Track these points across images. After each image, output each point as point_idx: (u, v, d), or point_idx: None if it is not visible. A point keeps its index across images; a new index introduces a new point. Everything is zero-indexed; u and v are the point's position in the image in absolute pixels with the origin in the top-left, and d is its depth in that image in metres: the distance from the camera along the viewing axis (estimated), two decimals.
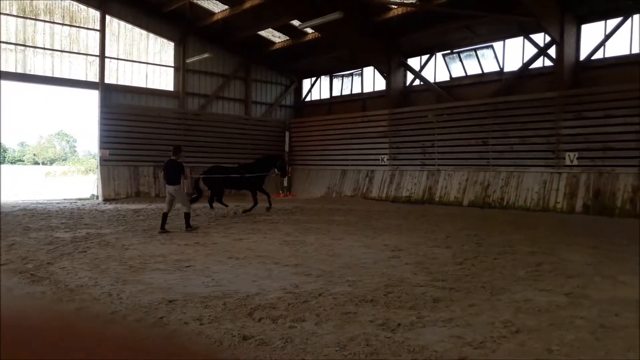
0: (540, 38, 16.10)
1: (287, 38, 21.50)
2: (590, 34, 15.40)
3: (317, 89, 25.01)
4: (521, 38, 16.77)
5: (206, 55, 20.04)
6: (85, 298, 5.02)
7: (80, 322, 0.40)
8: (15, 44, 18.10)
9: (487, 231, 10.22)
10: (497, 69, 17.58)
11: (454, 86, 18.80)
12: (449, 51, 18.77)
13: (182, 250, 7.95)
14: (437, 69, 19.49)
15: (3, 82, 18.08)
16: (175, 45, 21.60)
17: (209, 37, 21.72)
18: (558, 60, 15.37)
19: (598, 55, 15.19)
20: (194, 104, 22.30)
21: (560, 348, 3.63)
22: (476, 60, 18.03)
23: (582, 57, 15.43)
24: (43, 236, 9.33)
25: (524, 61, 16.69)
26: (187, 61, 21.42)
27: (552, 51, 15.75)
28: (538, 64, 16.46)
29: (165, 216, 10.38)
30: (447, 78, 19.06)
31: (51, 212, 13.82)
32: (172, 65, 21.70)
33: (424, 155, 18.60)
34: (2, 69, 17.69)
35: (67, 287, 5.46)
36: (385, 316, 4.39)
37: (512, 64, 17.23)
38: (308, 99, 25.51)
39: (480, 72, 18.04)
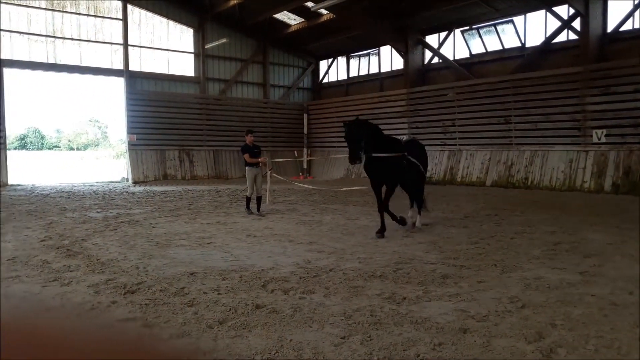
0: (564, 10, 15.57)
1: (302, 20, 21.46)
2: (618, 3, 14.80)
3: (334, 70, 24.95)
4: (543, 11, 16.28)
5: (224, 40, 20.23)
6: (115, 270, 5.38)
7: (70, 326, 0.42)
8: (46, 36, 18.70)
9: (508, 211, 10.15)
10: (519, 44, 17.15)
11: (474, 63, 18.46)
12: (467, 27, 18.40)
13: (205, 229, 8.30)
14: (456, 46, 19.17)
15: (35, 72, 19.17)
16: (194, 31, 21.87)
17: (226, 22, 21.90)
18: (583, 33, 14.84)
19: (627, 26, 14.60)
20: (214, 88, 22.61)
21: (565, 323, 3.67)
22: (496, 35, 17.63)
23: (610, 28, 14.88)
24: (78, 216, 9.90)
25: (547, 35, 16.21)
26: (206, 47, 21.69)
27: (576, 23, 15.22)
28: (562, 37, 15.97)
29: (252, 198, 10.04)
30: (467, 55, 18.73)
31: (85, 194, 14.57)
32: (192, 51, 22.01)
33: (445, 134, 18.40)
34: (34, 60, 18.46)
35: (98, 261, 5.84)
36: (392, 290, 4.54)
37: (534, 39, 16.80)
38: (325, 80, 25.49)
39: (500, 47, 17.64)
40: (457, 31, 18.92)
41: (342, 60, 24.45)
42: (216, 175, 21.58)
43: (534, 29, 16.88)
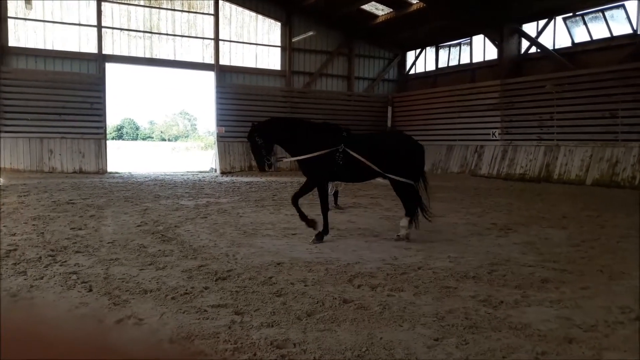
0: None
1: (390, 10, 21.05)
2: None
3: (422, 61, 24.26)
4: None
5: (310, 33, 20.39)
6: (206, 257, 5.59)
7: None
8: (143, 32, 20.03)
9: (612, 212, 9.36)
10: (630, 31, 15.65)
11: (577, 52, 17.14)
12: (570, 14, 17.07)
13: (289, 220, 8.43)
14: (556, 34, 17.91)
15: (133, 66, 20.61)
16: (281, 25, 22.30)
17: (312, 15, 22.08)
18: None
19: None
20: (299, 82, 22.94)
21: None
22: (604, 22, 16.21)
23: None
24: (171, 203, 10.47)
25: None
26: (292, 40, 22.03)
27: None
28: None
29: (330, 193, 9.56)
30: (569, 44, 17.46)
31: (177, 183, 15.42)
32: (279, 45, 22.47)
33: (541, 129, 17.34)
34: (132, 55, 19.85)
35: (191, 247, 6.11)
36: (487, 293, 4.29)
37: None
38: (412, 72, 24.89)
39: (608, 35, 16.21)
40: (559, 19, 17.64)
41: (430, 50, 23.72)
42: (298, 167, 21.89)
43: None
